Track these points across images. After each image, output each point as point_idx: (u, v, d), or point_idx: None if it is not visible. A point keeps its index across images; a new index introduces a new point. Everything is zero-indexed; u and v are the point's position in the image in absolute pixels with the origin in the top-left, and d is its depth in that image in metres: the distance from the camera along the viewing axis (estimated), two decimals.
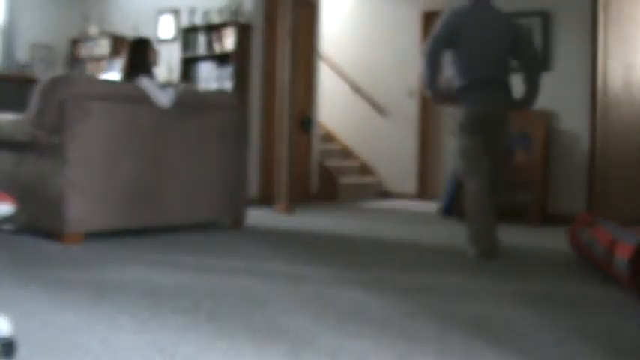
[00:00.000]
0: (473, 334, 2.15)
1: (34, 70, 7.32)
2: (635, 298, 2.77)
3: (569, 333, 2.23)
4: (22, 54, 7.57)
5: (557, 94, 5.72)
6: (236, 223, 4.68)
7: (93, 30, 7.88)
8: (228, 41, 6.53)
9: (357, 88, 8.11)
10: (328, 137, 8.24)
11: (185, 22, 7.02)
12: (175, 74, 6.95)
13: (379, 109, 7.98)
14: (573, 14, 5.63)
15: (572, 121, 5.64)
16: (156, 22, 7.38)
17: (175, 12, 7.22)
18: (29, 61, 7.57)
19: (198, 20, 6.87)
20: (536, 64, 4.01)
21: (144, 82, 4.10)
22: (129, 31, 7.64)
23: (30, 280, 2.74)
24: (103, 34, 7.74)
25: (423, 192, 7.71)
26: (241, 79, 6.46)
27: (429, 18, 7.68)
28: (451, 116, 4.22)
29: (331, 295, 2.70)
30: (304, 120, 6.92)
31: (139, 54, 4.25)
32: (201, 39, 6.77)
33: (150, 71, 4.23)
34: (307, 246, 4.05)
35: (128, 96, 4.02)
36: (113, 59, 7.58)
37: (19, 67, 7.41)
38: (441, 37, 3.81)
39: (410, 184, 7.77)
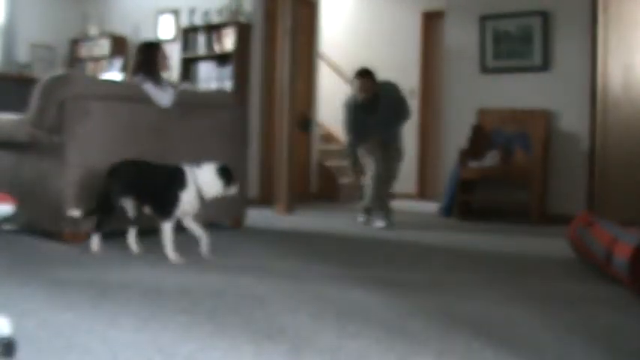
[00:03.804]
0: (473, 334, 2.15)
1: (34, 70, 7.32)
2: (635, 298, 2.77)
3: (569, 333, 2.23)
4: (22, 54, 7.57)
5: (557, 94, 5.73)
6: (236, 222, 4.68)
7: (93, 30, 7.87)
8: (228, 41, 6.52)
9: None
10: (328, 137, 8.24)
11: (185, 22, 7.02)
12: (175, 74, 6.95)
13: None
14: (573, 14, 5.63)
15: (572, 121, 5.64)
16: (156, 22, 7.38)
17: (175, 12, 7.22)
18: (29, 61, 7.56)
19: (198, 20, 6.87)
20: None
21: (144, 82, 4.10)
22: (129, 31, 7.65)
23: (30, 280, 2.74)
24: (103, 34, 7.74)
25: (423, 192, 7.71)
26: (241, 79, 6.46)
27: (429, 18, 7.68)
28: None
29: (331, 294, 2.70)
30: (304, 120, 6.92)
31: (146, 56, 4.22)
32: (201, 39, 6.77)
33: (154, 74, 4.18)
34: (307, 246, 4.05)
35: (128, 96, 4.02)
36: (113, 59, 7.58)
37: (19, 67, 7.41)
38: None
39: (410, 184, 7.76)
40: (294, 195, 5.98)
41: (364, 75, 5.06)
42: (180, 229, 3.36)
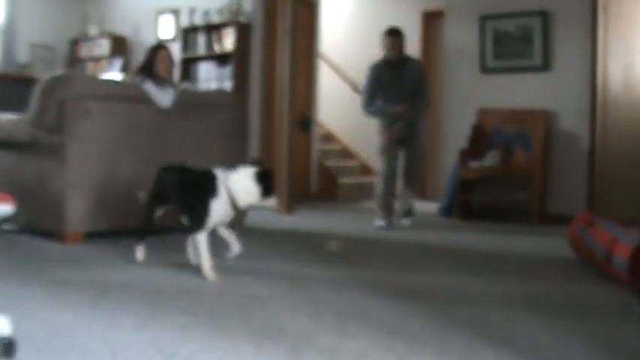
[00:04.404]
0: (472, 335, 2.15)
1: (34, 70, 7.32)
2: (635, 298, 2.77)
3: (569, 333, 2.23)
4: (22, 54, 7.57)
5: (557, 94, 5.73)
6: (236, 222, 4.66)
7: (93, 30, 7.88)
8: (228, 41, 6.52)
9: (356, 88, 8.10)
10: (328, 137, 8.24)
11: (185, 22, 7.02)
12: (175, 74, 6.95)
13: None
14: (573, 14, 5.63)
15: (572, 120, 5.64)
16: (156, 22, 7.38)
17: (175, 12, 7.23)
18: (29, 61, 7.57)
19: (198, 20, 6.87)
20: None
21: (144, 82, 4.10)
22: (129, 31, 7.65)
23: (30, 280, 2.74)
24: (103, 34, 7.74)
25: (423, 192, 7.70)
26: (241, 79, 6.46)
27: (429, 18, 7.67)
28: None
29: (331, 295, 2.70)
30: (304, 120, 6.92)
31: (148, 57, 4.25)
32: (201, 39, 6.77)
33: (153, 74, 4.17)
34: (307, 246, 4.04)
35: (128, 96, 4.02)
36: (113, 59, 7.58)
37: (19, 67, 7.41)
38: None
39: None
40: (295, 195, 5.98)
41: (394, 33, 4.97)
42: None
